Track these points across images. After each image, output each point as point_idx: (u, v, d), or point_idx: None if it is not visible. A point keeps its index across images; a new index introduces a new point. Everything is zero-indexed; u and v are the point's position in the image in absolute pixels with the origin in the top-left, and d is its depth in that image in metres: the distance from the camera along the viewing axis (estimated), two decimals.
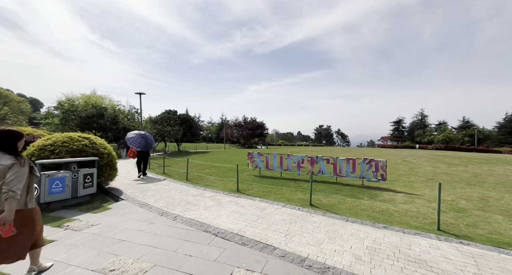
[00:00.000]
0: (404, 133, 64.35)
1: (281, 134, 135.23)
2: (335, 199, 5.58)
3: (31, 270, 2.46)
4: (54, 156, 5.20)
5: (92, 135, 6.33)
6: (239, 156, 18.22)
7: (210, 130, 79.37)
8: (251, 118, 52.56)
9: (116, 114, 20.49)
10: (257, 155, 8.94)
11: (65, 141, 5.55)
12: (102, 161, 5.95)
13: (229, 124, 55.56)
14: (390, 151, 29.36)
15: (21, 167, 2.12)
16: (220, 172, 9.46)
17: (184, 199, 5.48)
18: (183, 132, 22.16)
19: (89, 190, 5.30)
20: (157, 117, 21.91)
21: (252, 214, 4.45)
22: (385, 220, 4.23)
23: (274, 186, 6.86)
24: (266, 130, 54.72)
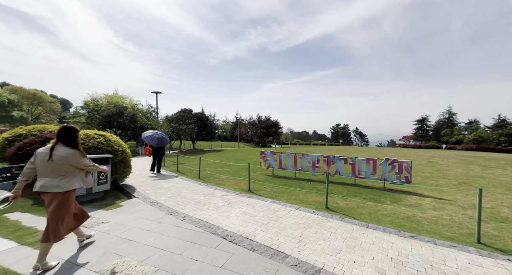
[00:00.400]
0: (429, 132, 60.24)
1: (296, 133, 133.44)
2: (353, 202, 5.16)
3: (36, 268, 2.41)
4: None
5: (108, 133, 6.46)
6: (252, 155, 18.05)
7: (225, 129, 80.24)
8: (265, 117, 52.22)
9: (134, 113, 21.25)
10: (270, 154, 8.66)
11: (82, 138, 5.68)
12: (116, 158, 6.03)
13: (243, 122, 55.69)
14: (413, 151, 27.56)
15: (81, 157, 2.66)
16: (232, 171, 9.33)
17: (195, 198, 5.37)
18: (198, 131, 22.45)
19: (103, 186, 5.38)
20: (173, 116, 22.41)
21: (263, 217, 4.21)
22: (411, 228, 3.78)
23: (287, 187, 6.56)
24: (281, 129, 54.08)
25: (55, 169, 2.48)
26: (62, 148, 2.54)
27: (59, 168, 2.49)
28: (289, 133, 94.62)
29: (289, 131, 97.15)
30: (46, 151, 2.50)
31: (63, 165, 2.51)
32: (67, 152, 2.53)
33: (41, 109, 54.22)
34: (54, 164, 2.46)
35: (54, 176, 2.50)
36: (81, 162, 2.65)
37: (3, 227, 3.53)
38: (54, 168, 2.48)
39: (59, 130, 2.63)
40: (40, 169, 2.48)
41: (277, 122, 51.83)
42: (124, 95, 33.27)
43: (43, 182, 2.48)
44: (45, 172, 2.47)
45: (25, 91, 51.61)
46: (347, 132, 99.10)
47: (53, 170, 2.48)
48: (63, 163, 2.50)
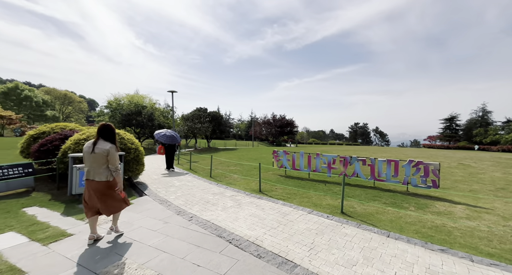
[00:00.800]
0: (458, 132, 55.67)
1: (312, 132, 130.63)
2: (372, 207, 4.73)
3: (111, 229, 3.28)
4: None
5: (122, 131, 6.60)
6: (266, 154, 17.80)
7: (240, 128, 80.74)
8: (280, 116, 51.62)
9: (152, 111, 21.96)
10: (283, 154, 8.37)
11: None
12: (129, 156, 6.13)
13: (257, 121, 55.58)
14: (440, 152, 25.59)
15: (115, 151, 2.99)
16: (244, 170, 9.18)
17: (204, 198, 5.28)
18: (212, 129, 22.67)
19: None
20: (188, 115, 22.85)
21: (273, 220, 3.97)
22: (441, 240, 3.33)
23: (300, 188, 6.25)
24: (296, 128, 53.16)
25: (97, 160, 2.91)
26: (103, 142, 2.96)
27: (99, 159, 2.91)
28: (305, 132, 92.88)
29: (304, 130, 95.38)
30: (90, 145, 2.95)
31: (103, 157, 2.91)
32: (106, 147, 2.93)
33: (71, 109, 58.47)
34: (96, 156, 2.90)
35: (96, 166, 2.93)
36: (114, 156, 2.97)
37: (19, 221, 3.66)
38: (96, 159, 2.90)
39: (99, 127, 3.01)
40: (85, 160, 2.96)
41: (292, 120, 51.00)
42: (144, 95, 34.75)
43: (87, 172, 2.97)
44: (89, 163, 2.93)
45: (58, 92, 55.92)
46: (366, 132, 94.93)
47: (95, 161, 2.91)
48: (103, 156, 2.91)
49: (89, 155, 2.90)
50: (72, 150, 5.44)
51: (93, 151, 2.88)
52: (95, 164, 2.91)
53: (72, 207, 4.45)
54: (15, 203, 4.40)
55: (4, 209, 4.10)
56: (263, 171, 8.85)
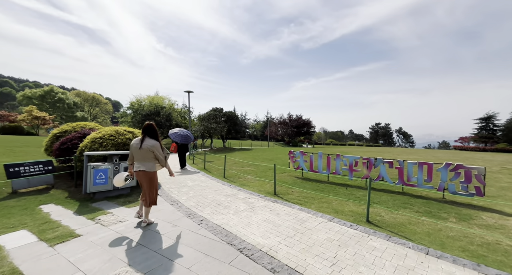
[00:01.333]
0: (497, 132, 50.46)
1: (330, 133, 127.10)
2: (403, 216, 4.16)
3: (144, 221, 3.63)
4: (102, 149, 5.53)
5: (137, 129, 6.61)
6: (281, 154, 17.33)
7: (256, 128, 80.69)
8: (296, 116, 50.62)
9: (170, 112, 22.50)
10: (300, 154, 7.91)
11: (112, 134, 5.88)
12: None
13: (273, 121, 55.02)
14: (476, 154, 23.23)
15: (159, 146, 3.48)
16: (259, 171, 8.85)
17: (216, 199, 5.04)
18: (228, 129, 22.67)
19: (129, 183, 5.43)
20: (204, 115, 23.09)
21: (289, 227, 3.60)
22: (498, 261, 2.72)
23: (318, 192, 5.79)
24: (313, 128, 51.81)
25: (144, 155, 3.38)
26: (148, 140, 3.42)
27: (146, 154, 3.37)
28: (322, 132, 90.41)
29: (322, 130, 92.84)
30: (138, 142, 3.41)
31: (149, 152, 3.37)
32: (152, 143, 3.41)
33: (98, 110, 62.52)
34: (143, 151, 3.36)
35: (144, 160, 3.40)
36: (159, 151, 3.45)
37: (33, 219, 3.68)
38: (143, 154, 3.37)
39: (144, 126, 3.48)
40: (134, 155, 3.44)
41: (309, 121, 49.75)
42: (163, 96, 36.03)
43: (137, 164, 3.45)
44: (138, 157, 3.42)
45: (86, 94, 60.08)
46: (389, 132, 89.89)
47: (142, 156, 3.38)
48: (149, 151, 3.36)
49: (137, 150, 3.38)
50: (88, 148, 5.50)
51: (141, 147, 3.35)
52: (142, 158, 3.40)
53: (85, 205, 4.44)
54: (34, 200, 4.50)
55: (22, 206, 4.18)
56: (279, 172, 8.47)
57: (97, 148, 5.52)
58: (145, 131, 3.47)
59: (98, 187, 4.83)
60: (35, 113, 26.26)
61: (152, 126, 3.49)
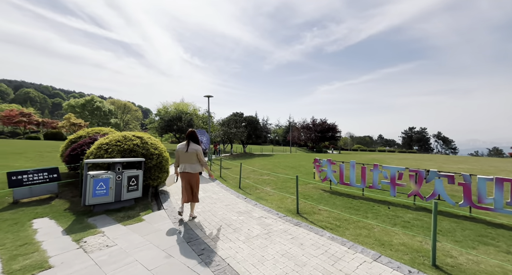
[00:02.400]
0: None
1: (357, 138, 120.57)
2: (489, 259, 2.86)
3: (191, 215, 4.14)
4: (107, 156, 5.13)
5: (146, 134, 6.18)
6: (305, 161, 16.05)
7: (277, 133, 79.44)
8: (320, 120, 48.43)
9: (191, 117, 22.69)
10: (327, 163, 6.77)
11: (119, 140, 5.48)
12: (151, 162, 5.58)
13: (295, 126, 53.35)
14: None
15: (201, 150, 3.95)
16: (279, 181, 7.87)
17: (226, 218, 4.22)
18: (248, 134, 22.04)
19: (133, 194, 4.91)
20: (224, 120, 22.83)
21: (317, 269, 2.60)
22: None
23: (352, 212, 4.64)
24: (339, 133, 48.99)
25: (190, 157, 3.83)
26: (192, 144, 3.88)
27: (191, 157, 3.83)
28: (349, 137, 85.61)
29: (348, 135, 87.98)
30: (183, 146, 3.88)
31: (193, 155, 3.83)
32: (196, 147, 3.87)
33: (129, 117, 67.23)
34: (189, 155, 3.82)
35: (189, 162, 3.85)
36: (201, 155, 3.93)
37: (15, 238, 3.23)
38: (189, 157, 3.83)
39: (188, 133, 3.99)
40: (181, 158, 3.88)
41: (334, 125, 47.18)
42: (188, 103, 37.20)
43: (183, 166, 3.88)
44: (184, 160, 3.86)
45: (120, 102, 65.04)
46: (425, 137, 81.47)
47: (188, 159, 3.83)
48: (193, 154, 3.82)
49: (184, 154, 3.84)
50: (93, 155, 5.14)
51: (187, 151, 3.81)
52: (188, 161, 3.85)
53: (80, 221, 3.94)
54: (30, 212, 4.15)
55: (15, 220, 3.83)
56: (302, 183, 7.39)
57: (102, 154, 5.13)
58: (189, 137, 3.97)
59: (98, 199, 4.35)
60: (73, 120, 28.78)
61: (194, 133, 4.00)
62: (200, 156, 3.90)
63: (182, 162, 3.90)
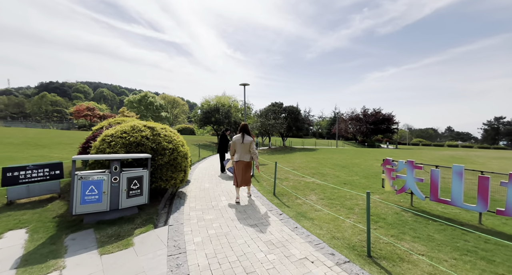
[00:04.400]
0: None
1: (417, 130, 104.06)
2: None
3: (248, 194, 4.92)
4: (109, 150, 4.17)
5: (159, 125, 5.08)
6: (358, 158, 13.25)
7: (321, 125, 74.23)
8: (373, 110, 42.27)
9: (228, 108, 21.95)
10: (408, 168, 4.46)
11: (125, 131, 4.47)
12: (162, 159, 4.43)
13: (342, 117, 48.12)
14: None
15: (253, 141, 4.54)
16: (328, 187, 5.89)
17: (247, 255, 2.65)
18: (288, 126, 20.01)
19: (136, 200, 3.81)
20: (262, 110, 21.24)
21: None
22: None
23: (476, 260, 2.45)
24: (396, 125, 41.97)
25: (244, 148, 4.44)
26: (246, 136, 4.48)
27: (246, 147, 4.44)
28: (407, 130, 73.80)
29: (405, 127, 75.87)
30: (239, 138, 4.47)
31: (247, 146, 4.43)
32: (250, 139, 4.48)
33: (178, 110, 72.76)
34: (244, 145, 4.44)
35: (244, 152, 4.46)
36: (253, 146, 4.48)
37: None
38: (244, 147, 4.44)
39: (241, 126, 4.57)
40: (237, 149, 4.51)
41: (391, 115, 40.52)
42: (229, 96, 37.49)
43: (239, 155, 4.47)
44: (239, 150, 4.47)
45: (169, 97, 70.73)
46: None
47: (243, 148, 4.44)
48: (247, 144, 4.43)
49: (240, 145, 4.42)
50: (96, 149, 4.24)
51: (243, 142, 4.40)
52: (243, 150, 4.43)
53: (56, 238, 2.97)
54: (13, 219, 3.42)
55: None
56: (361, 192, 5.26)
57: (105, 149, 4.18)
58: (243, 129, 4.51)
59: (88, 206, 3.36)
60: (126, 113, 32.03)
61: (247, 126, 4.54)
62: (252, 146, 4.44)
63: (238, 152, 4.44)
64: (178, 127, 32.73)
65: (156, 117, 57.56)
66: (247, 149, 4.42)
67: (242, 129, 4.49)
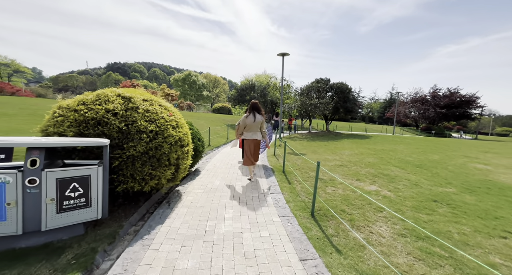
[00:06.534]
0: None
1: (503, 117, 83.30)
2: None
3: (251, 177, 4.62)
4: (53, 129, 2.71)
5: (145, 94, 3.43)
6: (434, 152, 9.67)
7: (372, 108, 65.12)
8: (448, 90, 33.63)
9: (265, 86, 19.63)
10: None
11: (85, 101, 2.93)
12: (135, 147, 2.79)
13: (402, 100, 40.18)
14: None
15: (264, 120, 4.53)
16: (406, 208, 3.46)
17: None
18: (335, 107, 16.68)
19: (78, 214, 2.32)
20: (303, 88, 18.14)
21: None
22: None
23: None
24: (479, 109, 32.77)
25: (256, 126, 4.42)
26: (258, 114, 4.44)
27: (257, 126, 4.43)
28: (490, 116, 58.78)
29: (488, 114, 60.34)
30: (252, 117, 4.39)
31: (258, 124, 4.41)
32: (261, 118, 4.45)
33: (219, 90, 73.53)
34: (256, 124, 4.40)
35: (256, 131, 4.45)
36: (263, 125, 4.53)
37: None
38: (256, 126, 4.41)
39: (252, 104, 4.48)
40: (248, 126, 4.42)
41: (474, 97, 31.52)
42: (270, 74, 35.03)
43: (250, 133, 4.45)
44: (251, 128, 4.42)
45: (211, 76, 71.50)
46: None
47: (255, 127, 4.42)
48: (259, 123, 4.42)
49: (252, 123, 4.37)
50: (41, 130, 2.83)
51: (255, 120, 4.36)
52: (255, 129, 4.42)
53: None
54: None
55: None
56: (476, 222, 2.71)
57: (49, 127, 2.74)
58: (253, 108, 4.44)
59: None
60: (166, 91, 32.73)
61: (257, 104, 4.50)
62: (263, 125, 4.51)
63: (249, 130, 4.44)
64: (215, 106, 32.27)
65: (198, 96, 59.20)
66: (258, 127, 4.44)
67: (253, 108, 4.44)
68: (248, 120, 4.37)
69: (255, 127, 4.39)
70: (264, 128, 4.55)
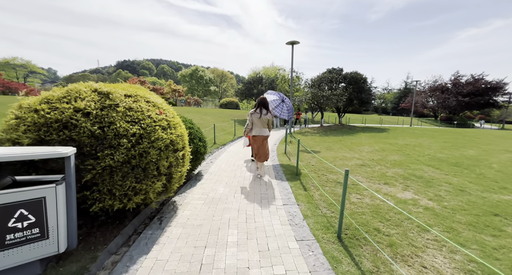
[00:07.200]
0: None
1: None
2: None
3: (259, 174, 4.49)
4: (5, 135, 2.14)
5: (128, 87, 2.81)
6: (466, 146, 8.59)
7: (385, 99, 62.31)
8: (471, 77, 31.15)
9: (273, 79, 18.69)
10: None
11: (49, 99, 2.33)
12: (112, 155, 2.18)
13: (419, 89, 37.80)
14: None
15: (272, 116, 4.45)
16: (463, 225, 2.67)
17: None
18: (349, 98, 15.55)
19: (28, 251, 1.77)
20: (313, 79, 17.02)
21: None
22: None
23: None
24: (508, 97, 30.25)
25: (262, 122, 4.33)
26: (264, 110, 4.34)
27: (264, 122, 4.33)
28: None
29: None
30: (258, 113, 4.29)
31: (265, 120, 4.32)
32: (268, 115, 4.34)
33: (226, 84, 72.70)
34: (262, 120, 4.30)
35: (263, 127, 4.36)
36: (271, 120, 4.44)
37: None
38: (263, 122, 4.33)
39: (259, 100, 4.36)
40: (255, 123, 4.34)
41: (502, 83, 28.98)
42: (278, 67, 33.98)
43: (257, 130, 4.36)
44: (258, 124, 4.34)
45: (218, 71, 70.62)
46: None
47: (261, 123, 4.33)
48: (266, 120, 4.33)
49: (259, 120, 4.29)
50: None
51: (261, 117, 4.27)
52: (262, 125, 4.33)
53: None
54: None
55: None
56: None
57: (3, 133, 2.17)
58: (261, 104, 4.34)
59: None
60: (173, 87, 32.25)
61: (265, 100, 4.38)
62: (270, 122, 4.44)
63: (256, 127, 4.35)
64: (222, 101, 31.66)
65: (206, 91, 58.74)
66: (265, 124, 4.36)
67: (261, 104, 4.35)
68: (254, 116, 4.32)
69: (261, 123, 4.32)
70: (270, 125, 4.50)
